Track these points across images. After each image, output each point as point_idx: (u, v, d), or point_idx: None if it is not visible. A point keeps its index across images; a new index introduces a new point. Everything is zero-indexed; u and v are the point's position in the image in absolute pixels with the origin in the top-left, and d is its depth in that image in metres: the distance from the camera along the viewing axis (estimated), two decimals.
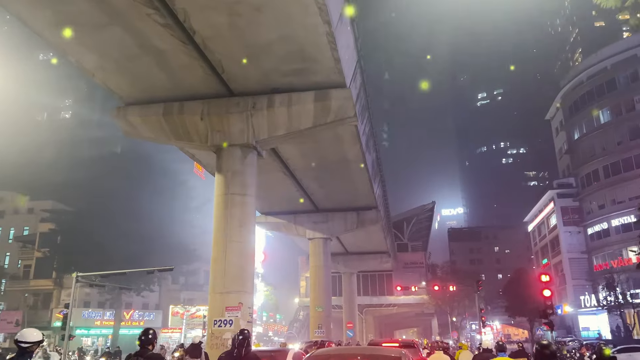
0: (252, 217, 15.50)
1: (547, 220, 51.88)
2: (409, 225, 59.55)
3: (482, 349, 9.47)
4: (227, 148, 15.56)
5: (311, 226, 30.60)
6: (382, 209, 32.59)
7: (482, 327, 31.83)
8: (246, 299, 14.61)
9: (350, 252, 44.49)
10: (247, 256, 15.06)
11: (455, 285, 35.87)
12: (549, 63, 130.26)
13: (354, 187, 26.34)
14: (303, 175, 24.31)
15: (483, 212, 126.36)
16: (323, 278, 30.10)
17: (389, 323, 74.33)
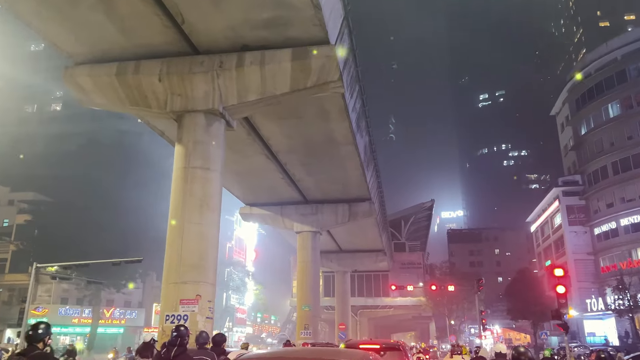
0: (216, 197, 13.20)
1: (551, 219, 49.56)
2: (407, 224, 57.27)
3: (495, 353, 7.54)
4: (189, 114, 13.31)
5: (299, 219, 28.31)
6: (377, 201, 30.28)
7: (482, 331, 29.52)
8: (206, 291, 12.31)
9: (344, 249, 42.20)
10: (209, 241, 12.77)
11: (454, 285, 33.54)
12: (552, 64, 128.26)
13: (344, 175, 24.04)
14: (288, 160, 22.03)
15: (483, 215, 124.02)
16: (311, 275, 27.78)
17: (385, 326, 71.92)
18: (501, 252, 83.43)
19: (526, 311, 36.64)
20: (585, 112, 44.46)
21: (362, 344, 7.76)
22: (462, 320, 52.75)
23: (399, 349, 7.60)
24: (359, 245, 40.79)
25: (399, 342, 7.94)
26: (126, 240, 35.69)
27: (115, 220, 35.82)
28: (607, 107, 41.88)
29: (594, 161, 42.89)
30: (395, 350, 7.55)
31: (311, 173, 23.67)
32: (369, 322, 56.54)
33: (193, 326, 11.79)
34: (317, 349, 4.60)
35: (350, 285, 49.89)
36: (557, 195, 46.17)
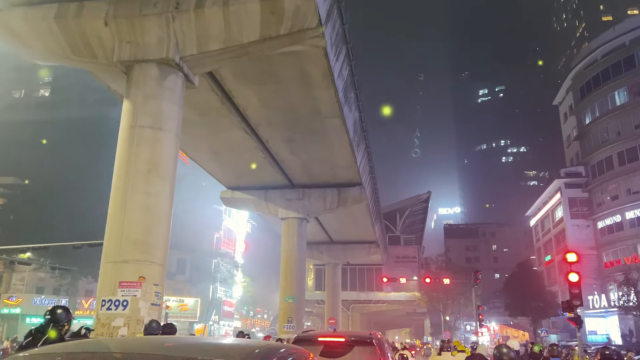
0: (169, 163, 11.14)
1: (552, 213, 47.61)
2: (402, 217, 55.33)
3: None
4: (139, 65, 11.23)
5: (284, 204, 26.28)
6: (368, 187, 28.24)
7: (478, 327, 27.58)
8: (152, 273, 10.29)
9: (335, 240, 40.22)
10: (158, 214, 10.73)
11: (449, 278, 31.59)
12: (553, 59, 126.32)
13: (332, 155, 22.00)
14: (269, 135, 19.97)
15: (481, 212, 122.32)
16: (296, 264, 25.78)
17: (379, 322, 69.98)
18: (498, 248, 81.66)
19: (525, 307, 34.70)
20: (590, 100, 42.41)
21: (322, 337, 5.81)
22: (458, 317, 50.86)
23: (371, 343, 5.61)
24: (350, 236, 38.83)
25: (373, 335, 5.94)
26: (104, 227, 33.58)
27: (96, 205, 33.72)
28: (613, 94, 39.86)
29: (598, 151, 40.89)
30: (367, 345, 5.57)
31: (295, 151, 21.60)
32: (361, 318, 54.63)
33: (134, 314, 9.80)
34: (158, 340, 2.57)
35: (342, 278, 47.91)
36: (559, 187, 44.18)
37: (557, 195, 45.28)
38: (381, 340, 6.18)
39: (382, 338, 6.55)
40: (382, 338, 6.69)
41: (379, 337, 6.12)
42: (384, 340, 6.63)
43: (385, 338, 6.96)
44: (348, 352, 5.48)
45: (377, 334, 6.28)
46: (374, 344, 5.63)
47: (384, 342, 6.57)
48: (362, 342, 5.65)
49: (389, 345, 6.90)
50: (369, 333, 6.06)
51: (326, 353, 5.44)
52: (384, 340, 6.73)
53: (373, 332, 6.20)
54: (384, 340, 6.63)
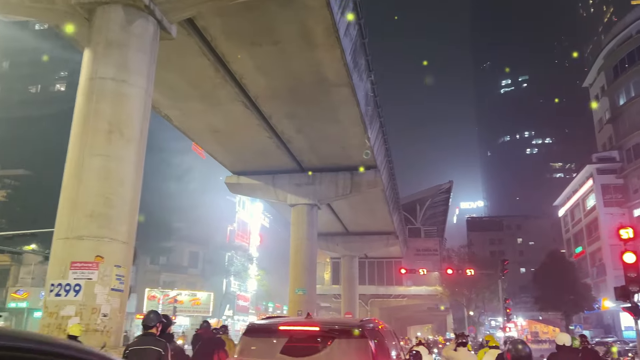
0: (136, 122, 9.37)
1: (583, 201, 44.77)
2: (423, 208, 53.11)
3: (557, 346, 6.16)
4: (102, 8, 9.45)
5: (293, 189, 24.44)
6: (384, 170, 26.22)
7: (507, 321, 25.35)
8: (113, 252, 8.53)
9: (351, 232, 38.30)
10: (121, 181, 8.96)
11: (473, 270, 29.36)
12: (579, 47, 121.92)
13: (342, 132, 20.03)
14: (271, 110, 18.12)
15: (505, 206, 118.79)
16: (306, 254, 23.91)
17: (400, 318, 67.85)
18: (524, 241, 78.63)
19: (557, 300, 32.17)
20: (624, 80, 39.45)
21: (286, 325, 3.95)
22: (482, 312, 48.47)
23: (361, 335, 3.71)
24: (367, 227, 36.84)
25: (365, 323, 4.03)
26: None
27: None
28: None
29: (634, 134, 37.98)
30: (355, 338, 3.69)
31: (302, 129, 19.71)
32: (381, 312, 52.55)
33: (89, 301, 8.07)
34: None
35: (360, 272, 46.05)
36: (591, 174, 41.34)
37: (588, 182, 42.43)
38: (380, 331, 4.29)
39: (383, 329, 4.64)
40: (385, 329, 4.78)
41: (374, 327, 4.22)
42: (386, 331, 4.72)
43: (390, 329, 5.09)
44: (324, 348, 3.63)
45: (373, 321, 4.41)
46: (365, 335, 3.75)
47: (387, 334, 4.66)
48: (346, 334, 3.78)
49: (396, 339, 5.03)
50: (360, 320, 4.18)
51: (291, 349, 3.61)
52: (387, 332, 4.80)
53: (367, 320, 4.33)
54: (386, 331, 4.72)
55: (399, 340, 5.78)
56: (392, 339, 4.81)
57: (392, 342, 4.76)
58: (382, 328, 4.45)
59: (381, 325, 4.58)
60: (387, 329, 4.92)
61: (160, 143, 41.54)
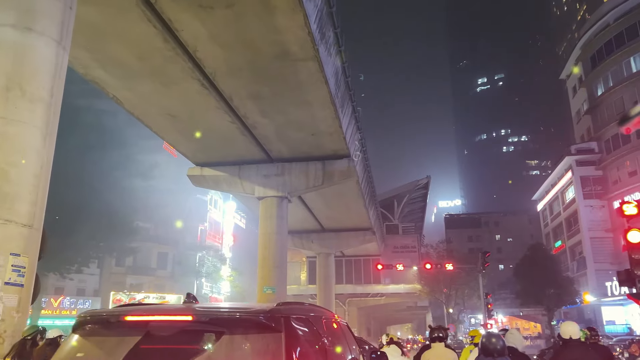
0: (44, 79, 7.63)
1: (562, 194, 44.09)
2: (400, 205, 51.96)
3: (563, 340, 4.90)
4: None
5: (261, 181, 22.79)
6: (359, 161, 24.76)
7: (488, 318, 24.11)
8: (9, 237, 6.81)
9: (327, 228, 36.81)
10: (22, 150, 7.24)
11: (452, 264, 28.11)
12: (553, 46, 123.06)
13: (312, 117, 18.47)
14: (231, 90, 16.43)
15: (483, 204, 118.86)
16: (276, 250, 22.25)
17: (379, 317, 66.70)
18: (502, 237, 78.34)
19: (540, 294, 31.19)
20: (602, 69, 38.81)
21: (137, 315, 2.36)
22: (462, 309, 47.47)
23: (269, 327, 2.13)
24: (343, 223, 35.36)
25: (284, 307, 2.43)
26: (65, 215, 30.06)
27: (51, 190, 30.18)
28: (628, 60, 36.28)
29: (612, 125, 37.33)
30: (254, 333, 2.12)
31: (267, 113, 18.07)
32: (359, 312, 51.24)
33: None
34: None
35: (336, 271, 44.60)
36: (570, 166, 40.62)
37: (567, 175, 41.73)
38: (312, 323, 2.72)
39: (322, 320, 3.05)
40: (328, 321, 3.21)
41: (300, 316, 2.65)
42: (331, 325, 3.14)
43: (342, 324, 3.54)
44: (204, 349, 2.08)
45: (301, 306, 2.86)
46: (276, 328, 2.20)
47: (331, 329, 3.09)
48: (243, 326, 2.20)
49: (351, 340, 3.47)
50: (276, 304, 2.60)
51: (144, 354, 2.07)
52: (332, 327, 3.22)
53: (290, 303, 2.78)
54: (331, 325, 3.14)
55: (358, 342, 4.22)
56: (341, 337, 3.26)
57: (341, 341, 3.22)
58: (318, 318, 2.90)
59: (321, 314, 3.03)
60: (333, 322, 3.36)
61: (127, 140, 39.46)
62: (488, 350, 4.12)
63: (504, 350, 4.17)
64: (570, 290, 32.61)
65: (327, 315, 3.24)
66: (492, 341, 4.13)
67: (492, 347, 4.09)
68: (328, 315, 3.27)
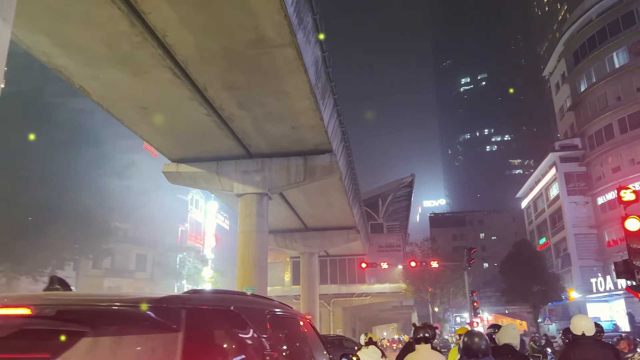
0: None
1: (546, 191, 43.97)
2: (385, 203, 51.46)
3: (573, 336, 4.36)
4: None
5: (240, 177, 21.95)
6: (341, 156, 24.07)
7: (474, 316, 23.57)
8: None
9: (310, 227, 36.09)
10: None
11: (437, 262, 27.57)
12: (535, 45, 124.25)
13: (291, 108, 17.71)
14: (206, 79, 15.59)
15: (467, 203, 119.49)
16: (256, 249, 21.41)
17: (364, 317, 66.17)
18: (487, 236, 78.45)
19: (526, 292, 30.83)
20: (585, 65, 38.71)
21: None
22: (447, 308, 47.09)
23: (158, 323, 1.39)
24: (326, 222, 34.67)
25: (187, 296, 1.67)
26: (37, 215, 28.82)
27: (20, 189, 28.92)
28: (611, 56, 36.19)
29: (596, 120, 37.28)
30: (132, 334, 1.38)
31: (244, 104, 17.27)
32: (344, 313, 50.58)
33: None
34: None
35: (321, 271, 43.98)
36: (554, 162, 40.45)
37: (551, 171, 41.58)
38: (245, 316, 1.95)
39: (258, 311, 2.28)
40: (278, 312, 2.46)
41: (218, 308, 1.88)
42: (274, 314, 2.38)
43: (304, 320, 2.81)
44: (50, 354, 1.34)
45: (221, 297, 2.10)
46: (167, 326, 1.46)
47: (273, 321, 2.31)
48: (118, 323, 1.46)
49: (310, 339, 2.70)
50: (170, 294, 1.81)
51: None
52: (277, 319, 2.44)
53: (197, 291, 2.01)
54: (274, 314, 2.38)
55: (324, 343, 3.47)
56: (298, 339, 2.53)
57: (296, 344, 2.49)
58: (258, 312, 2.14)
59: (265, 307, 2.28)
60: (288, 319, 2.61)
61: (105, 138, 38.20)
62: (471, 351, 3.70)
63: (488, 349, 3.78)
64: (556, 287, 32.33)
65: (277, 309, 2.48)
66: (474, 340, 3.74)
67: (476, 346, 3.70)
68: (279, 309, 2.52)
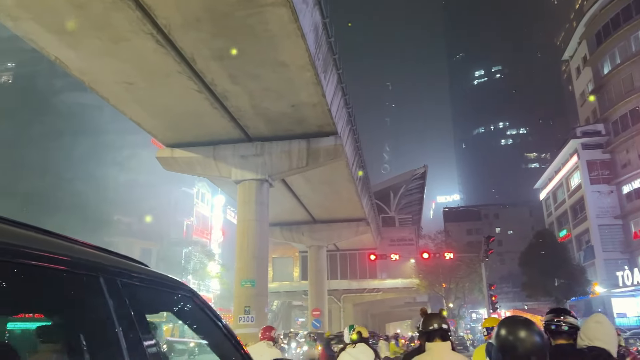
0: None
1: (567, 181, 41.78)
2: (397, 196, 49.62)
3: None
4: None
5: (239, 162, 20.45)
6: (347, 139, 22.44)
7: (492, 311, 21.80)
8: None
9: (318, 219, 34.53)
10: None
11: (452, 253, 25.82)
12: (551, 36, 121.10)
13: (289, 80, 16.09)
14: (193, 47, 14.05)
15: (481, 198, 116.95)
16: (256, 238, 19.90)
17: (376, 314, 64.49)
18: (503, 230, 75.96)
19: (548, 285, 28.87)
20: (608, 46, 36.43)
21: None
22: (462, 304, 45.19)
23: None
24: (334, 213, 33.07)
25: None
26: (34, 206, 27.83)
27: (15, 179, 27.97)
28: (637, 34, 33.89)
29: (621, 104, 35.03)
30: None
31: (237, 77, 15.71)
32: (355, 309, 48.94)
33: None
34: None
35: (330, 266, 42.46)
36: (575, 150, 38.27)
37: (572, 160, 39.41)
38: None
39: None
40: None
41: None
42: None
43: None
44: None
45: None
46: None
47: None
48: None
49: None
50: None
51: None
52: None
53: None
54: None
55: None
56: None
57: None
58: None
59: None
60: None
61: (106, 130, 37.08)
62: (515, 352, 1.84)
63: (545, 349, 1.88)
64: (582, 280, 30.30)
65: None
66: (521, 335, 1.87)
67: (526, 345, 1.83)
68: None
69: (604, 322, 2.90)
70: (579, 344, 2.92)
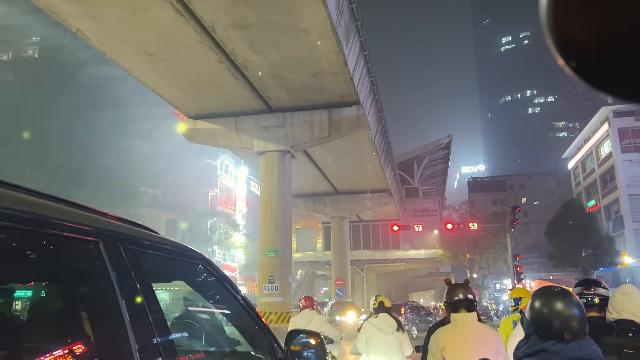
0: None
1: (597, 150, 40.59)
2: (420, 167, 49.17)
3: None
4: None
5: (261, 134, 20.38)
6: (370, 109, 22.10)
7: (517, 282, 21.60)
8: None
9: (340, 191, 34.49)
10: None
11: (477, 224, 25.52)
12: None
13: (310, 49, 15.76)
14: (213, 16, 13.84)
15: (507, 168, 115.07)
16: (279, 209, 19.98)
17: (400, 284, 64.83)
18: (529, 201, 74.79)
19: (576, 256, 28.39)
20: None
21: None
22: (486, 275, 44.97)
23: None
24: (357, 184, 32.95)
25: None
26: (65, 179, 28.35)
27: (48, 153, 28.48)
28: None
29: None
30: None
31: (257, 47, 15.47)
32: (378, 279, 49.29)
33: None
34: None
35: (353, 236, 42.65)
36: (607, 117, 36.99)
37: (603, 127, 38.14)
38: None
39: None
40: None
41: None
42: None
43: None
44: None
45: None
46: None
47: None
48: None
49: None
50: None
51: None
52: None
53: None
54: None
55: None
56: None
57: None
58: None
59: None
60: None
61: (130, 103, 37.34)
62: (550, 326, 1.61)
63: (584, 324, 1.64)
64: (610, 251, 29.66)
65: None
66: (558, 307, 1.63)
67: (563, 318, 1.60)
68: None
69: (632, 294, 2.74)
70: (607, 318, 2.79)
